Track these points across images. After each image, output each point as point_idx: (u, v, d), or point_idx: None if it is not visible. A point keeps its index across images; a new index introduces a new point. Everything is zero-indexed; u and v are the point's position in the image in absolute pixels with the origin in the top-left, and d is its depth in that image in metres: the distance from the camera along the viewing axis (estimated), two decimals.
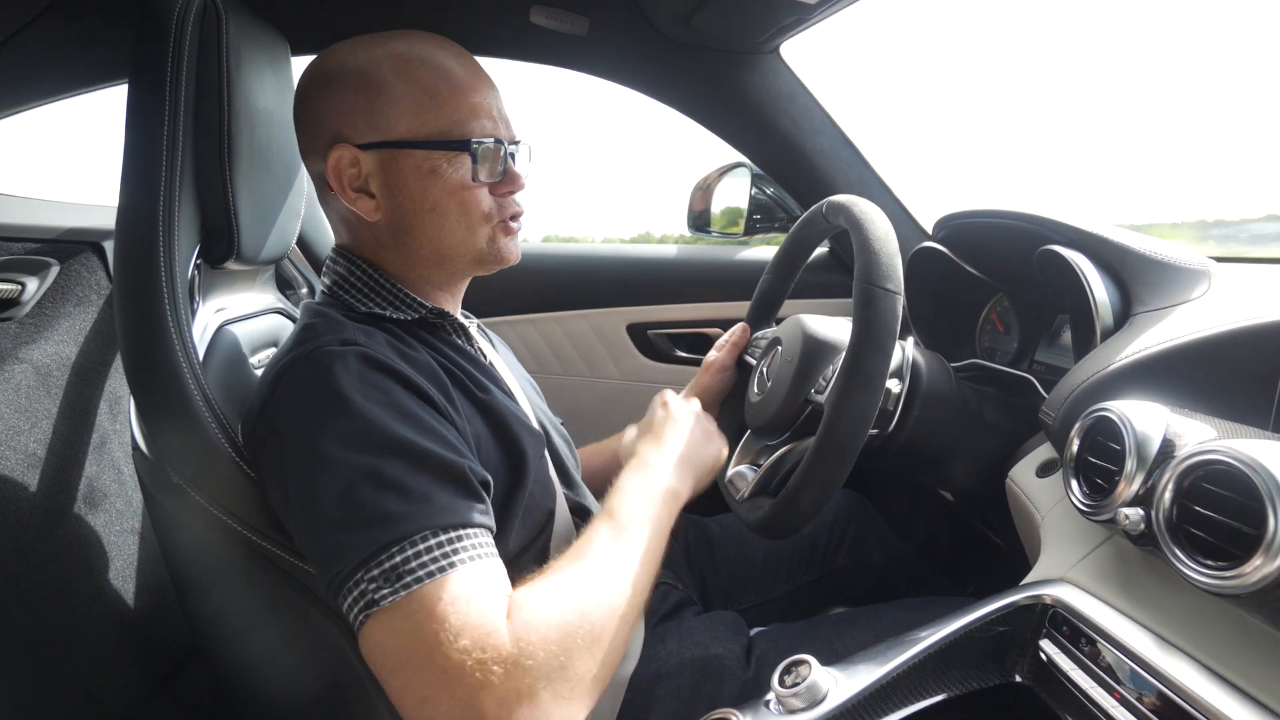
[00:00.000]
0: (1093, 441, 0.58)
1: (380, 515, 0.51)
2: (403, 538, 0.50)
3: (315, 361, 0.58)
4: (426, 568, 0.50)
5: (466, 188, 0.68)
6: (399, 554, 0.50)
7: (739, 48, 1.07)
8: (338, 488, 0.52)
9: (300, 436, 0.56)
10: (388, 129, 0.66)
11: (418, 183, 0.67)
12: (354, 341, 0.59)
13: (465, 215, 0.69)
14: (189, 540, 0.67)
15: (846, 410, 0.66)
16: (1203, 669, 0.46)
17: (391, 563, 0.50)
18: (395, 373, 0.58)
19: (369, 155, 0.66)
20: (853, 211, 0.74)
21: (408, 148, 0.66)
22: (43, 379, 0.90)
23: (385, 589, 0.50)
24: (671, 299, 1.36)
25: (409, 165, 0.66)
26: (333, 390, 0.56)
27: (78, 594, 0.92)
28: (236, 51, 0.71)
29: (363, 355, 0.58)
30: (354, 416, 0.54)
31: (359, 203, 0.67)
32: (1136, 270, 0.73)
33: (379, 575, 0.50)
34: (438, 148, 0.66)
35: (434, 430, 0.56)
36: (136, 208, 0.64)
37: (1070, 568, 0.60)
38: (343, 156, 0.66)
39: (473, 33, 1.03)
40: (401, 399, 0.57)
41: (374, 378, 0.57)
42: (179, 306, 0.63)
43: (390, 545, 0.50)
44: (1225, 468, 0.44)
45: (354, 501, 0.52)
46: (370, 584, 0.50)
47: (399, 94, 0.66)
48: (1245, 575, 0.41)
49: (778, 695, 0.52)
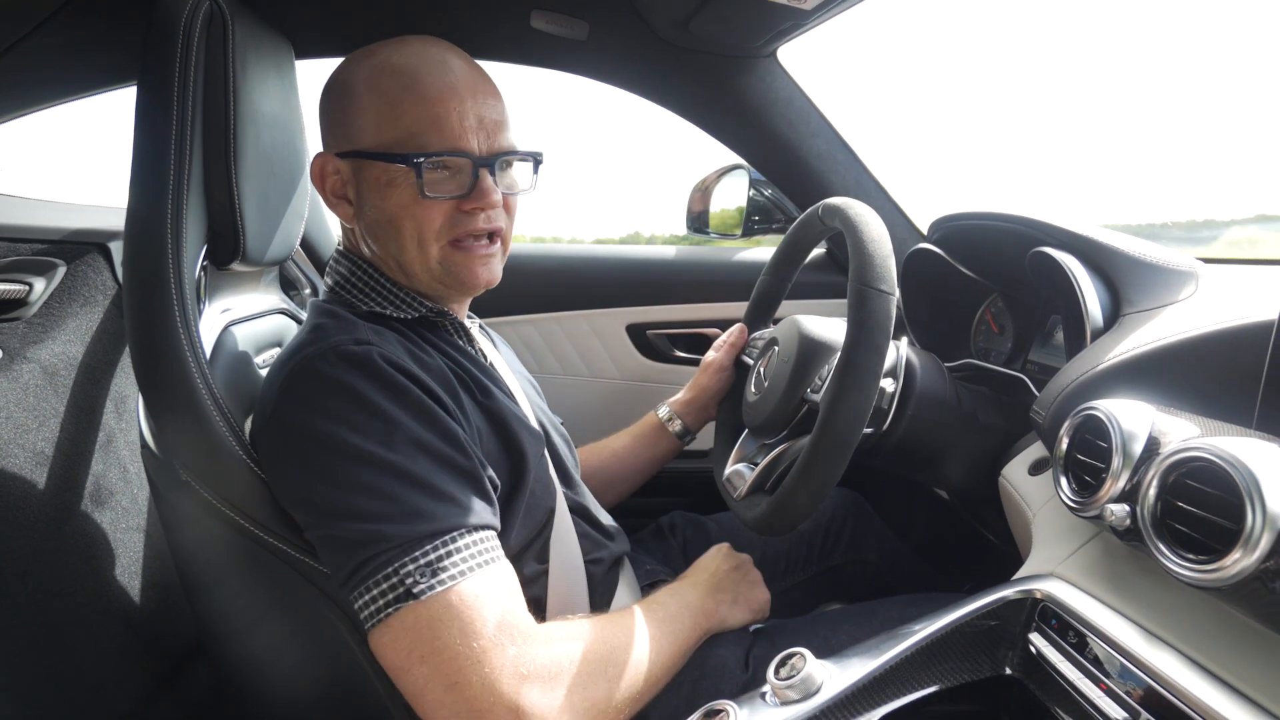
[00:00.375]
0: (1081, 439, 0.59)
1: (414, 511, 0.53)
2: (438, 534, 0.52)
3: (332, 361, 0.59)
4: (459, 566, 0.52)
5: (416, 202, 0.66)
6: (433, 551, 0.52)
7: (736, 52, 1.08)
8: (368, 483, 0.54)
9: (322, 433, 0.56)
10: (355, 138, 0.67)
11: (376, 194, 0.67)
12: (368, 341, 0.60)
13: (417, 230, 0.67)
14: (196, 536, 0.68)
15: (841, 408, 0.67)
16: (1186, 660, 0.47)
17: (427, 558, 0.52)
18: (411, 375, 0.59)
19: (345, 164, 0.68)
20: (848, 214, 0.76)
21: (368, 159, 0.67)
22: (50, 378, 0.91)
23: (423, 583, 0.51)
24: (670, 299, 1.37)
25: (370, 176, 0.67)
26: (353, 389, 0.57)
27: (84, 590, 0.93)
28: (242, 55, 0.72)
29: (380, 356, 0.59)
30: (378, 415, 0.56)
31: (339, 208, 0.70)
32: (1126, 272, 0.74)
33: (414, 570, 0.51)
34: (385, 160, 0.66)
35: (452, 433, 0.58)
36: (146, 209, 0.65)
37: (1059, 563, 0.61)
38: (325, 164, 0.68)
39: (473, 37, 1.04)
40: (421, 400, 0.58)
41: (392, 379, 0.58)
42: (187, 306, 0.64)
43: (425, 540, 0.52)
44: (1207, 464, 0.45)
45: (386, 496, 0.53)
46: (407, 577, 0.51)
47: (365, 104, 0.67)
48: (1225, 568, 0.43)
49: (773, 687, 0.53)
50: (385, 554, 0.53)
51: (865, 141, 1.22)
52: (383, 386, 0.57)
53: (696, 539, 1.07)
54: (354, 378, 0.57)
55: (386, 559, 0.53)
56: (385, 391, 0.57)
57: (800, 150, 1.19)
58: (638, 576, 0.91)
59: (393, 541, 0.53)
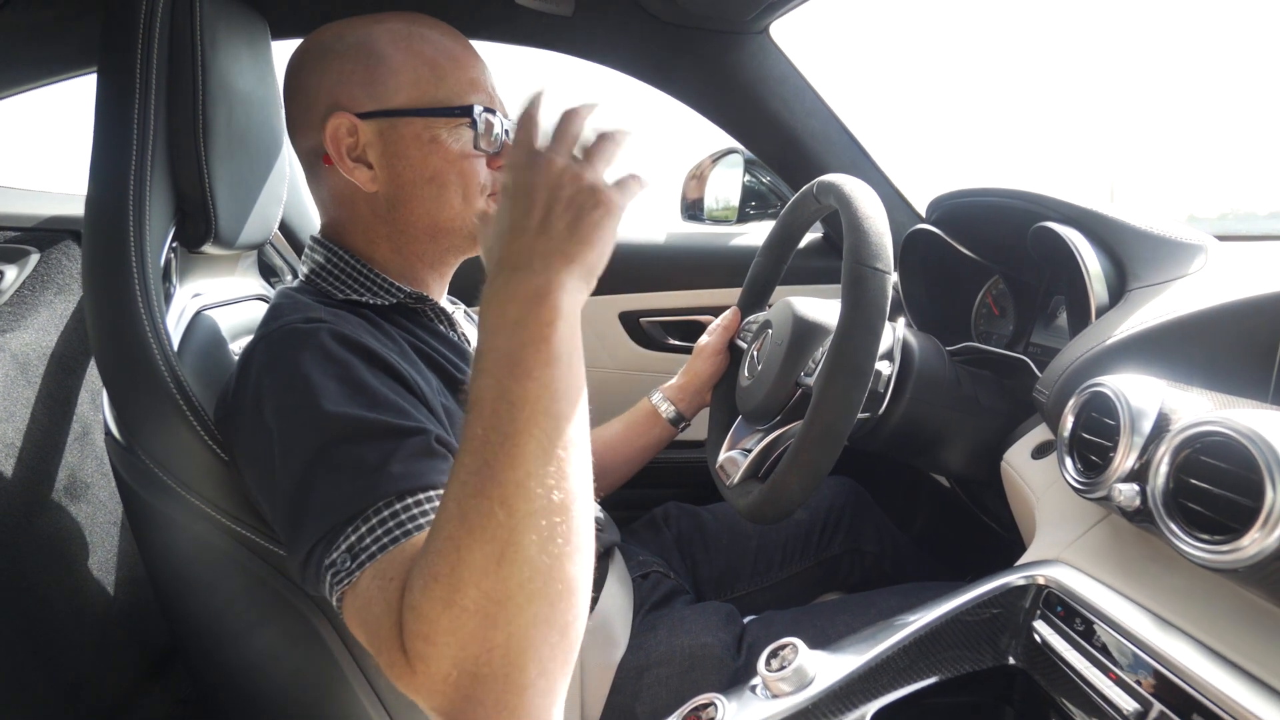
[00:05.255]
0: (1087, 417, 0.56)
1: (334, 494, 0.49)
2: (357, 514, 0.48)
3: (276, 341, 0.57)
4: (380, 541, 0.47)
5: (466, 156, 0.67)
6: (353, 532, 0.48)
7: (727, 27, 1.05)
8: (294, 469, 0.51)
9: (260, 417, 0.54)
10: (387, 98, 0.66)
11: (418, 151, 0.66)
12: (318, 319, 0.58)
13: (464, 185, 0.68)
14: (166, 531, 0.66)
15: (834, 393, 0.64)
16: (1201, 647, 0.44)
17: (348, 542, 0.48)
18: (358, 346, 0.56)
19: (368, 124, 0.66)
20: (842, 190, 0.73)
21: (409, 115, 0.66)
22: (22, 368, 0.89)
23: (343, 573, 0.47)
24: (664, 286, 1.35)
25: (409, 134, 0.66)
26: (291, 369, 0.54)
27: (60, 586, 0.91)
28: (212, 32, 0.69)
29: (326, 331, 0.56)
30: (310, 394, 0.52)
31: (356, 173, 0.66)
32: (1132, 245, 0.71)
33: (337, 560, 0.48)
34: (439, 115, 0.66)
35: (391, 402, 0.53)
36: (106, 188, 0.63)
37: (1065, 548, 0.58)
38: (341, 125, 0.65)
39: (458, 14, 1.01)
40: (361, 374, 0.54)
41: (336, 352, 0.55)
42: (150, 290, 0.61)
43: (347, 523, 0.48)
44: (1223, 439, 0.43)
45: (309, 483, 0.50)
46: (333, 568, 0.48)
47: (398, 64, 0.66)
48: (1243, 549, 0.40)
49: (764, 679, 0.51)
50: (308, 546, 0.49)
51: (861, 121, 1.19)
52: (322, 362, 0.54)
53: (691, 530, 1.05)
54: (291, 357, 0.55)
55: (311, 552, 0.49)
56: (322, 367, 0.54)
57: (795, 130, 1.17)
58: (630, 568, 0.89)
59: (312, 533, 0.49)
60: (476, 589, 0.39)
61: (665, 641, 0.76)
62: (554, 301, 0.44)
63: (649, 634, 0.78)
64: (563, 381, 0.44)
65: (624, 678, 0.74)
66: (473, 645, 0.39)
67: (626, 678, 0.74)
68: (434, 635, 0.40)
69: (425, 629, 0.40)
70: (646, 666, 0.74)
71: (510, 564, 0.40)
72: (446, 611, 0.40)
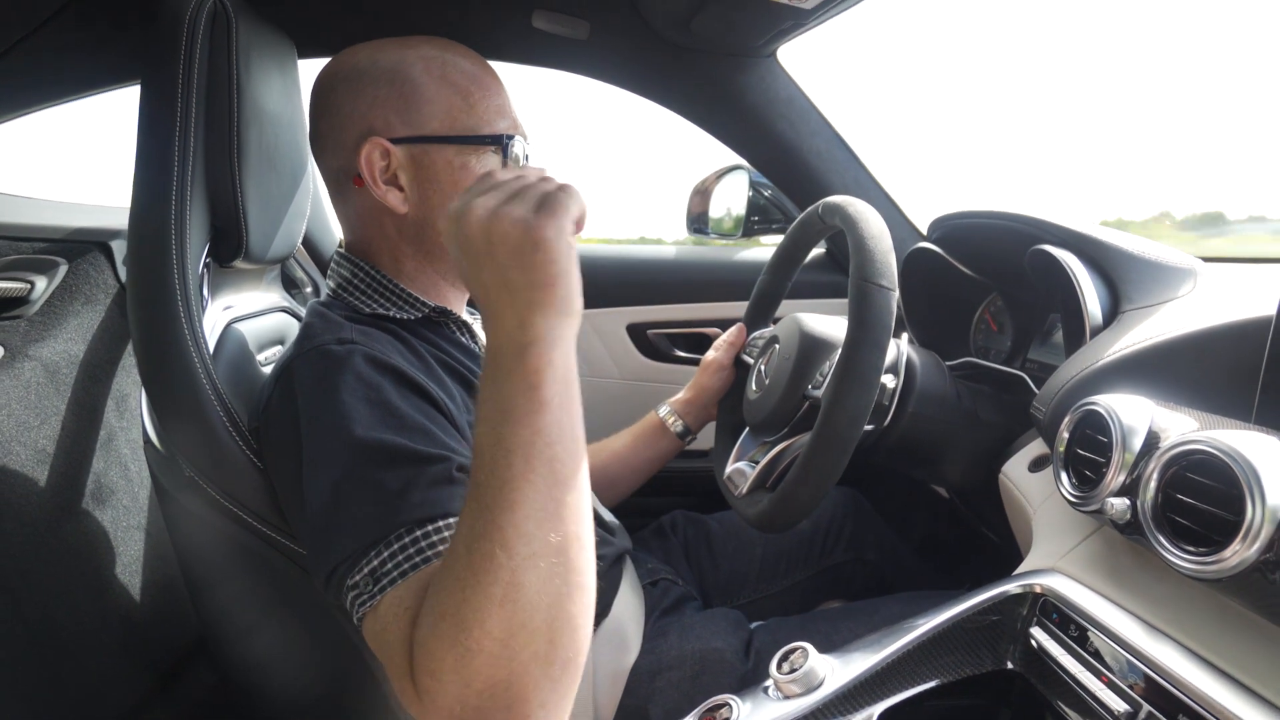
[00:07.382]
0: (1082, 434, 0.59)
1: (357, 518, 0.51)
2: (380, 539, 0.50)
3: (311, 362, 0.60)
4: (400, 567, 0.49)
5: None
6: (375, 557, 0.50)
7: (737, 51, 1.09)
8: (322, 490, 0.53)
9: (293, 435, 0.57)
10: (421, 124, 0.68)
11: (449, 176, 0.69)
12: (350, 340, 0.61)
13: None
14: (200, 533, 0.68)
15: (843, 405, 0.67)
16: (1187, 653, 0.47)
17: (370, 566, 0.50)
18: (390, 369, 0.59)
19: (401, 149, 0.68)
20: (848, 211, 0.76)
21: (441, 143, 0.69)
22: (51, 376, 0.92)
23: (364, 595, 0.49)
24: (671, 299, 1.38)
25: (441, 160, 0.69)
26: (324, 391, 0.57)
27: (84, 589, 0.93)
28: (245, 54, 0.72)
29: (359, 354, 0.59)
30: (341, 417, 0.54)
31: (389, 196, 0.69)
32: (1125, 269, 0.74)
33: (359, 581, 0.50)
34: (471, 143, 0.69)
35: (418, 425, 0.56)
36: (150, 206, 0.65)
37: (1060, 558, 0.61)
38: (375, 150, 0.68)
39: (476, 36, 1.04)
40: (390, 397, 0.57)
41: (368, 375, 0.58)
42: (191, 303, 0.64)
43: (369, 549, 0.50)
44: (1207, 457, 0.46)
45: (335, 505, 0.52)
46: (354, 589, 0.50)
47: (432, 93, 0.69)
48: (1225, 560, 0.43)
49: (776, 681, 0.54)
50: (335, 566, 0.51)
51: (865, 141, 1.22)
52: (354, 384, 0.57)
53: (697, 538, 1.07)
54: (325, 379, 0.58)
55: (338, 573, 0.51)
56: (354, 390, 0.56)
57: (800, 150, 1.20)
58: (640, 575, 0.91)
59: (338, 554, 0.51)
60: (480, 629, 0.42)
61: (676, 646, 0.79)
62: (538, 350, 0.45)
63: (660, 639, 0.81)
64: (555, 427, 0.45)
65: (637, 681, 0.77)
66: (477, 682, 0.42)
67: (639, 681, 0.77)
68: (440, 672, 0.42)
69: (433, 666, 0.43)
70: (659, 670, 0.77)
71: (512, 604, 0.42)
72: (452, 651, 0.42)
